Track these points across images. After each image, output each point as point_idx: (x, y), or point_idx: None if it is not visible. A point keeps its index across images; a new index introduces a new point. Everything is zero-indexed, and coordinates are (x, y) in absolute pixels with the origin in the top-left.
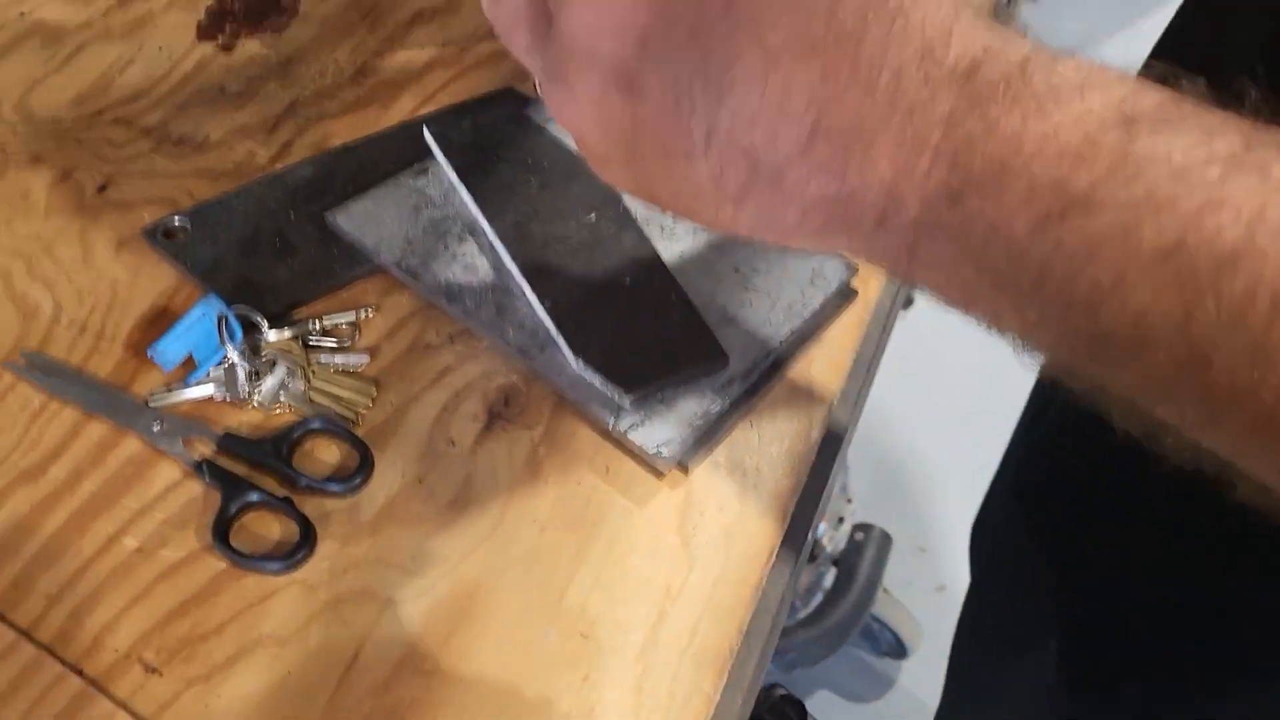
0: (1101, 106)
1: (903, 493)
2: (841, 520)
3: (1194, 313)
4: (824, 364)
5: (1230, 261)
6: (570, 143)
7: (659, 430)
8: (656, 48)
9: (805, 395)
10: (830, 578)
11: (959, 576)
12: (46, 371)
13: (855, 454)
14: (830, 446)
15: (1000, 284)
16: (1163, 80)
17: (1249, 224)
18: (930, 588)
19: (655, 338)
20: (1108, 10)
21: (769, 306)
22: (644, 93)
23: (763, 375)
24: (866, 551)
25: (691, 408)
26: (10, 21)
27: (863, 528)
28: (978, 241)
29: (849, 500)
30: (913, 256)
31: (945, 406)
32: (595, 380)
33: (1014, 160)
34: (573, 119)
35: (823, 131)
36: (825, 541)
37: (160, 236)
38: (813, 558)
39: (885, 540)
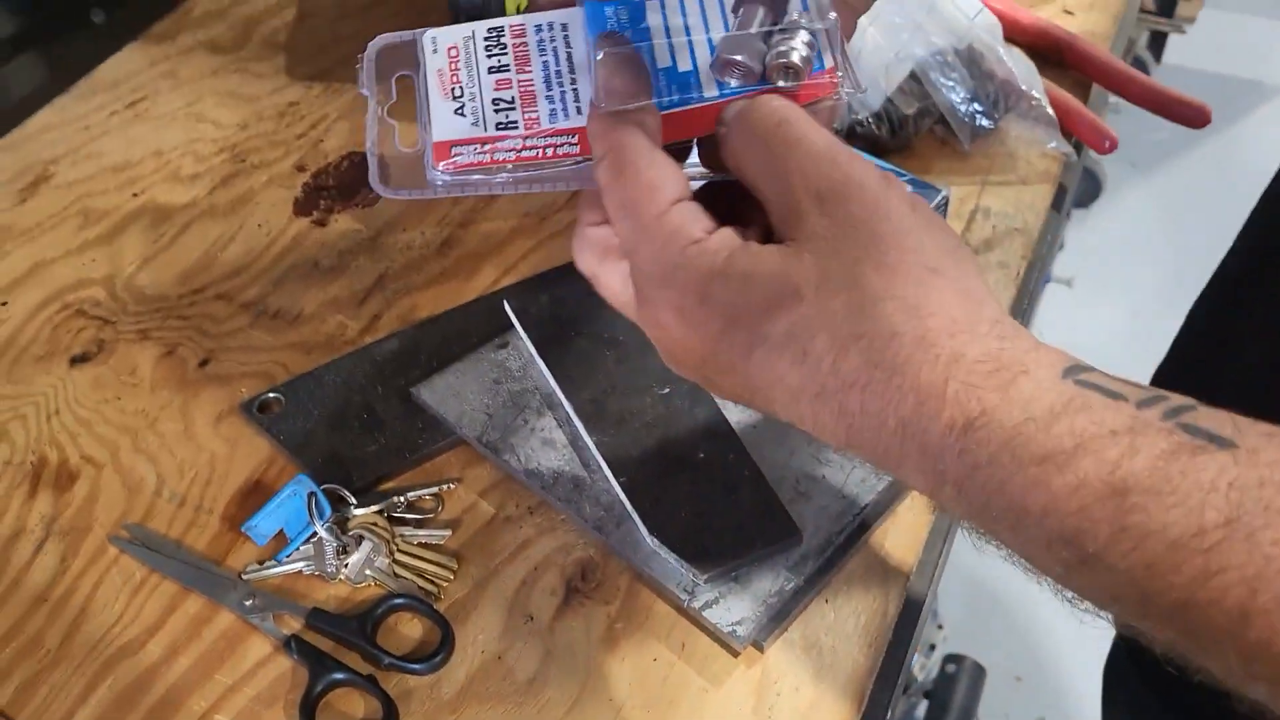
0: (1094, 476)
1: (996, 618)
2: (933, 647)
3: (1212, 654)
4: (899, 536)
5: (1240, 618)
6: None
7: (733, 608)
8: (710, 368)
9: (881, 569)
10: (922, 710)
11: (1058, 706)
12: (148, 544)
13: (946, 578)
14: (909, 619)
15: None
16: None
17: (1251, 587)
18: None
19: (729, 514)
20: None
21: (842, 480)
22: (717, 388)
23: (837, 550)
24: (959, 684)
25: (765, 585)
26: (124, 203)
27: (954, 659)
28: (1025, 556)
29: (940, 626)
30: (979, 525)
31: None
32: (670, 557)
33: (1025, 520)
34: (650, 333)
35: (855, 445)
36: (917, 670)
37: (256, 410)
38: (904, 689)
39: (979, 672)
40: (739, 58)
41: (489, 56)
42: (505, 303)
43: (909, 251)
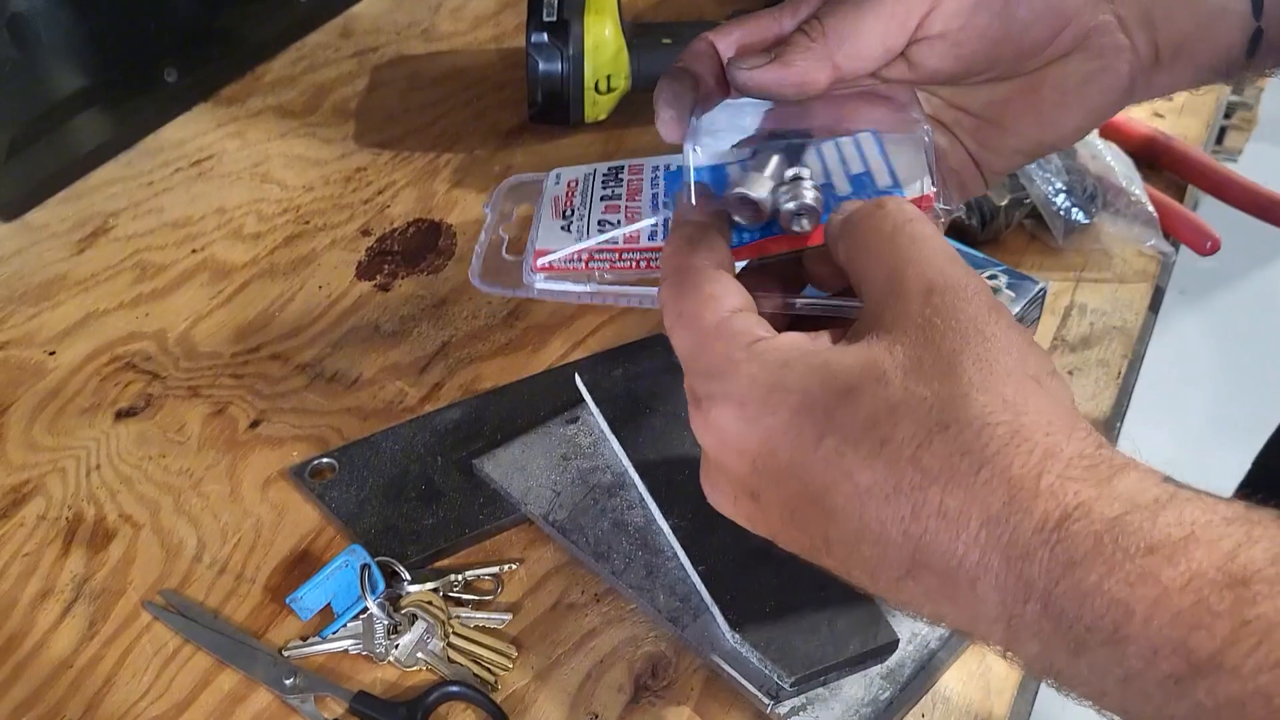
0: (1209, 566)
1: None
2: None
3: None
4: None
5: None
6: None
7: (821, 717)
8: (765, 474)
9: (981, 680)
10: None
11: None
12: (184, 613)
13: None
14: None
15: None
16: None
17: None
18: None
19: (818, 612)
20: None
21: None
22: (766, 503)
23: (934, 658)
24: None
25: (857, 694)
26: (182, 258)
27: None
28: (1115, 689)
29: None
30: (1059, 683)
31: None
32: (752, 657)
33: (1127, 625)
34: (720, 504)
35: (923, 563)
36: None
37: (307, 476)
38: None
39: None
40: (752, 194)
41: (604, 187)
42: (577, 375)
43: (1011, 356)
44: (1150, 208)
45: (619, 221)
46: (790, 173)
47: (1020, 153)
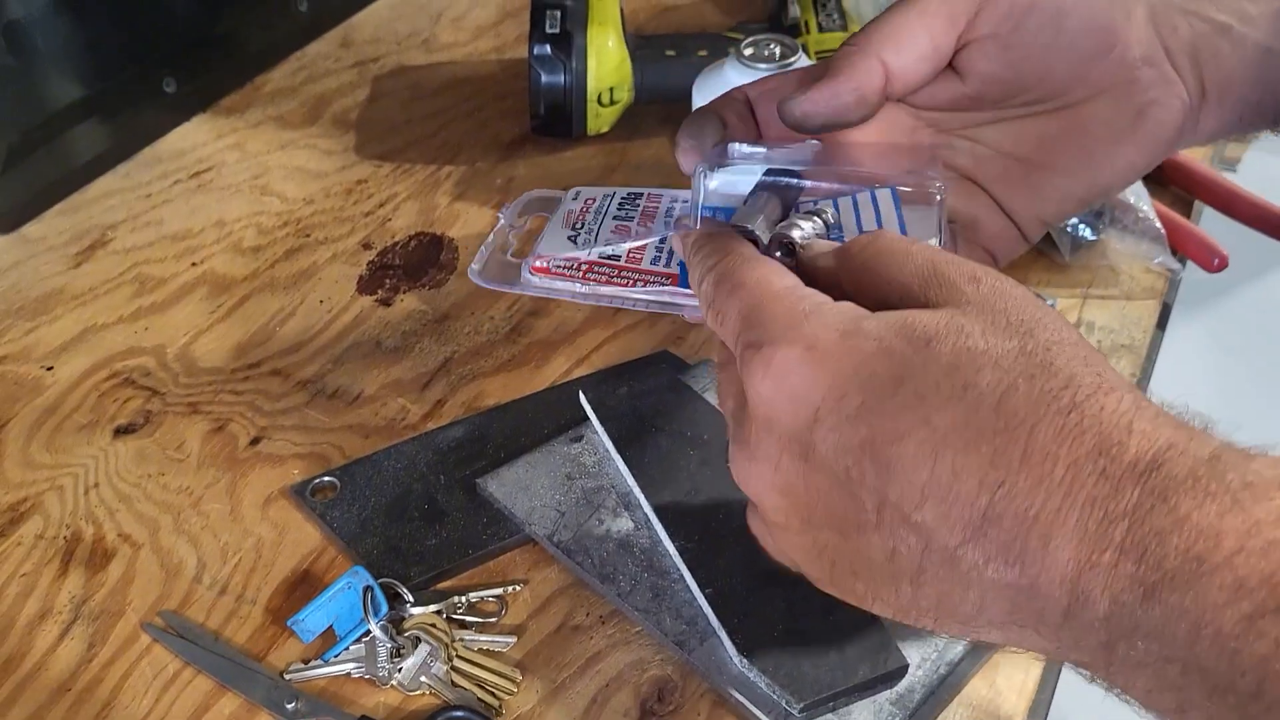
0: None
1: None
2: None
3: None
4: (1010, 671)
5: None
6: None
7: None
8: (828, 421)
9: (990, 707)
10: None
11: None
12: (184, 635)
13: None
14: None
15: (1214, 688)
16: None
17: None
18: None
19: (828, 636)
20: None
21: None
22: (816, 462)
23: (943, 683)
24: None
25: (866, 719)
26: (181, 271)
27: None
28: (1182, 640)
29: None
30: (1111, 656)
31: None
32: (760, 682)
33: (1214, 555)
34: (752, 481)
35: (994, 517)
36: None
37: (309, 495)
38: None
39: None
40: (747, 225)
41: (619, 209)
42: (581, 394)
43: (1068, 327)
44: (1158, 224)
45: (624, 243)
46: (808, 210)
47: (1071, 197)
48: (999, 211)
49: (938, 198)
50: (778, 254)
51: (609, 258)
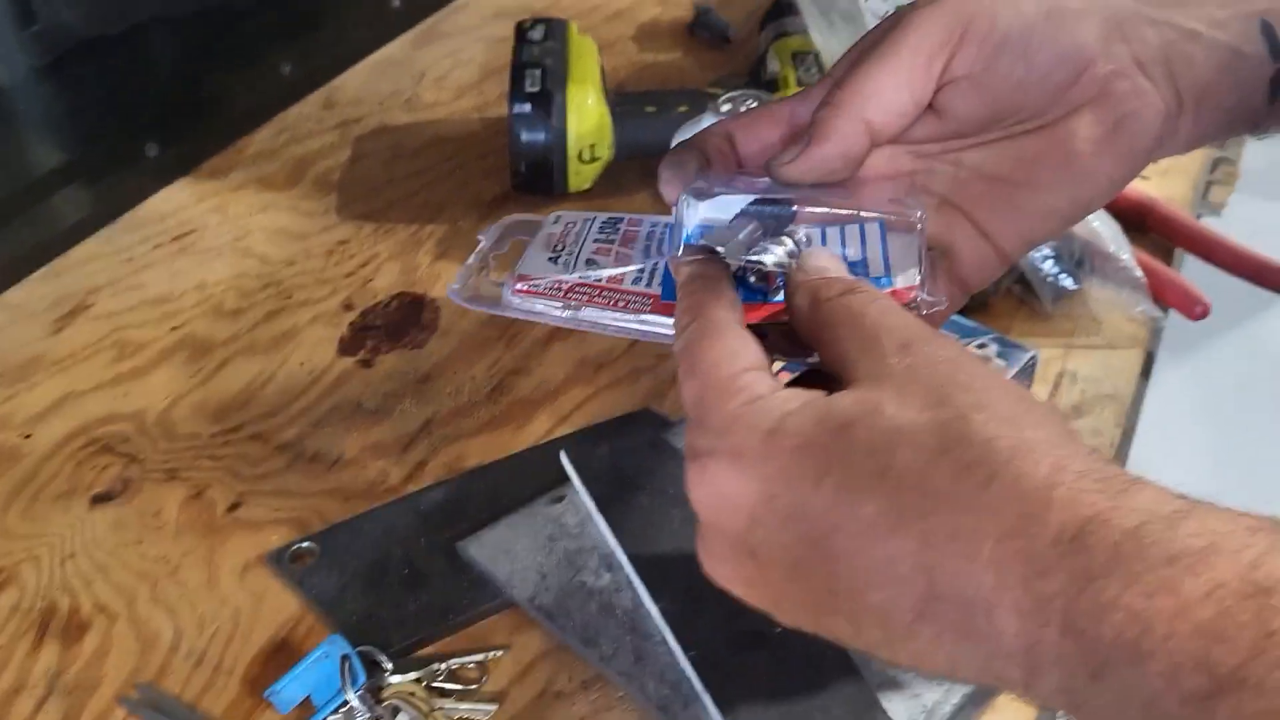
0: (1232, 575)
1: None
2: None
3: None
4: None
5: None
6: None
7: None
8: (765, 523)
9: None
10: None
11: None
12: (159, 709)
13: None
14: None
15: None
16: None
17: None
18: None
19: (812, 699)
20: None
21: None
22: (765, 559)
23: None
24: None
25: None
26: (162, 335)
27: None
28: (1137, 715)
29: None
30: (1081, 713)
31: None
32: None
33: (1146, 641)
34: (716, 576)
35: (936, 597)
36: None
37: (287, 561)
38: None
39: None
40: (718, 249)
41: (600, 232)
42: (562, 454)
43: (998, 383)
44: (1138, 273)
45: (605, 265)
46: (797, 238)
47: (1055, 214)
48: (976, 236)
49: (918, 226)
50: (752, 279)
51: (590, 279)
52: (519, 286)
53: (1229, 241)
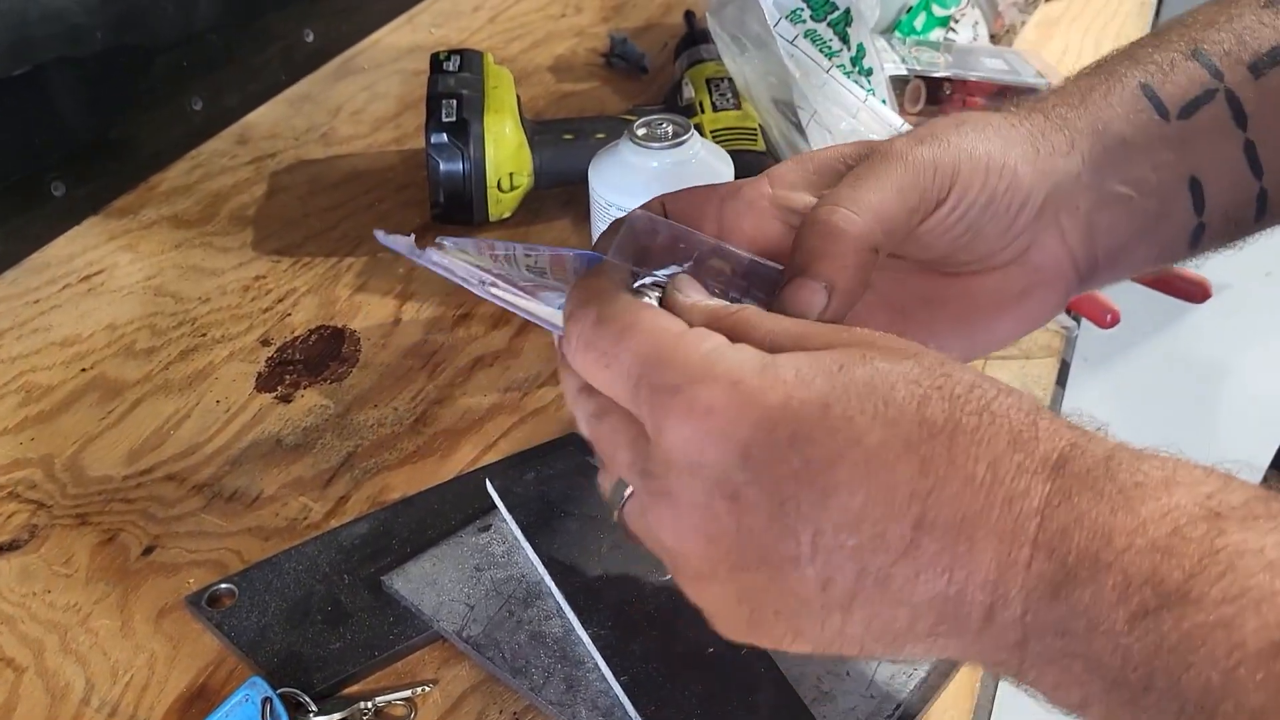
0: (1188, 502)
1: None
2: None
3: None
4: None
5: None
6: None
7: None
8: (759, 457)
9: None
10: None
11: None
12: None
13: None
14: None
15: (1111, 683)
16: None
17: None
18: None
19: (746, 717)
20: None
21: (870, 675)
22: (748, 500)
23: None
24: None
25: None
26: (70, 378)
27: None
28: (1082, 636)
29: None
30: (1024, 655)
31: None
32: None
33: (1105, 553)
34: (676, 533)
35: (926, 526)
36: None
37: (204, 604)
38: None
39: None
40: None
41: (527, 256)
42: (487, 482)
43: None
44: None
45: (541, 268)
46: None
47: (951, 342)
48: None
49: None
50: (654, 296)
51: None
52: (444, 244)
53: None
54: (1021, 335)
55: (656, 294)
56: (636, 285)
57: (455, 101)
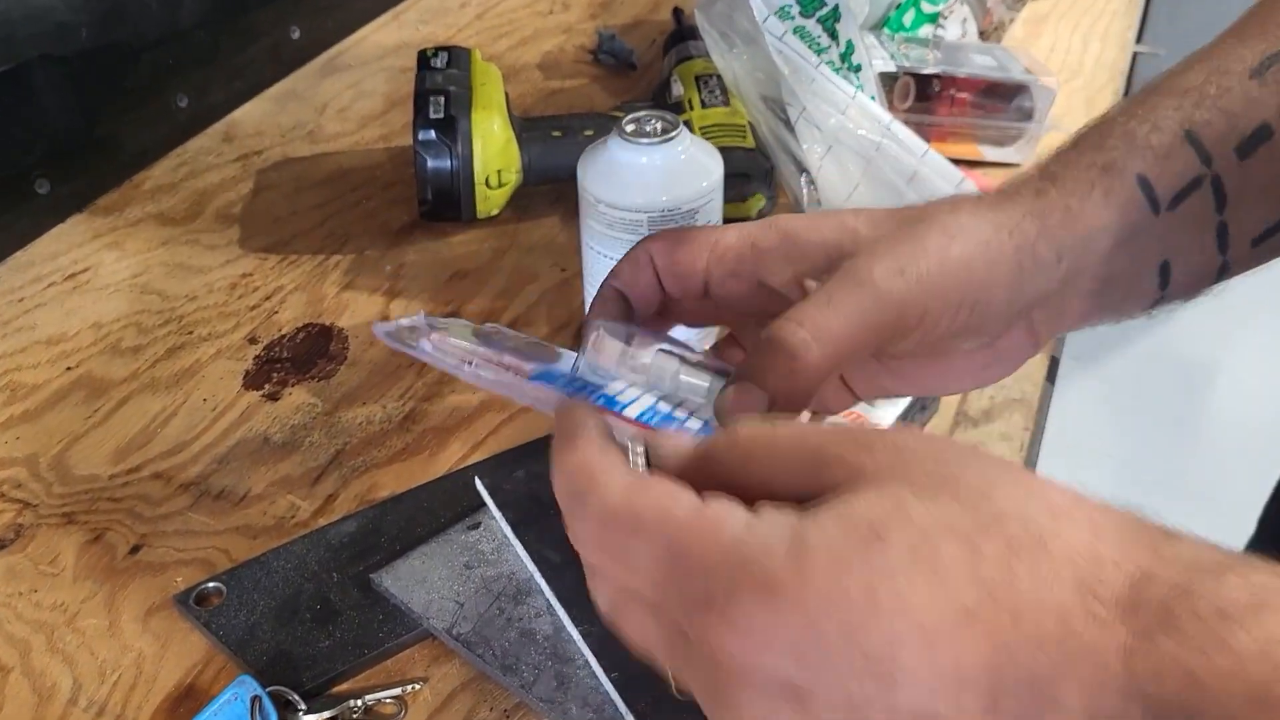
0: None
1: None
2: None
3: None
4: None
5: None
6: None
7: None
8: (813, 657)
9: None
10: None
11: None
12: None
13: None
14: None
15: None
16: None
17: None
18: None
19: None
20: None
21: None
22: (816, 702)
23: None
24: None
25: None
26: (55, 376)
27: None
28: None
29: None
30: None
31: None
32: None
33: (1199, 699)
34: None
35: (1003, 691)
36: None
37: (192, 603)
38: None
39: None
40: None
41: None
42: (477, 479)
43: (981, 457)
44: None
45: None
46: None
47: (915, 389)
48: (839, 384)
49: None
50: (639, 451)
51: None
52: (433, 338)
53: None
54: (974, 389)
55: (641, 449)
56: (620, 443)
57: (443, 98)
